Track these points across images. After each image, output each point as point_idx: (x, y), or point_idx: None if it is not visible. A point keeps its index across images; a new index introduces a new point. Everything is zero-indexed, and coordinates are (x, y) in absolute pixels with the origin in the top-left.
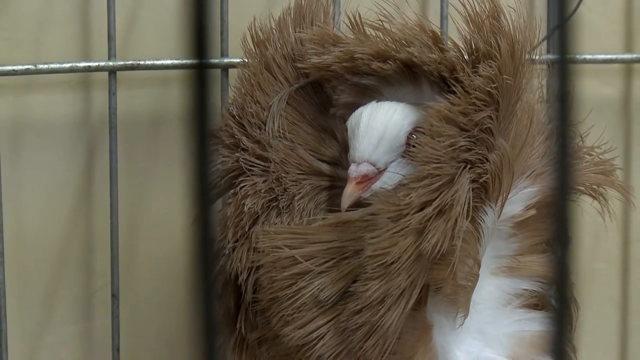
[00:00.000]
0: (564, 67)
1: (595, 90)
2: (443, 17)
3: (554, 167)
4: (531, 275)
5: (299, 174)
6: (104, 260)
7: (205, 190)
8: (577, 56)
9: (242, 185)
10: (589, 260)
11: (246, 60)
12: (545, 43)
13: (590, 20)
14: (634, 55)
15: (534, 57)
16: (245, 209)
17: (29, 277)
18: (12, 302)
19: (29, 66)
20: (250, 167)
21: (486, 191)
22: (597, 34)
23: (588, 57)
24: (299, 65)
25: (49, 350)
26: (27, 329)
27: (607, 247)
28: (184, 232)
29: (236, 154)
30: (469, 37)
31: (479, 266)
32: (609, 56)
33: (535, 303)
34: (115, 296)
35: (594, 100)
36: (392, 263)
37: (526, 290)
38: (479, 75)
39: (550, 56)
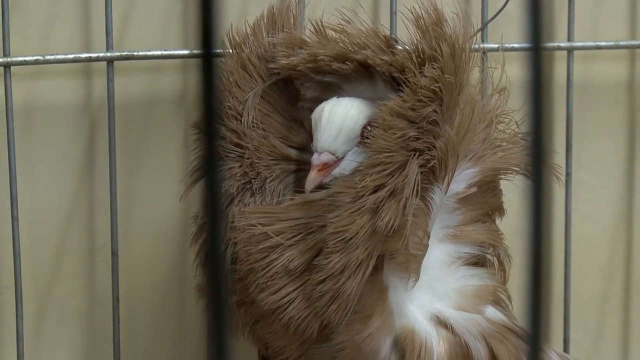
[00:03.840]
0: (537, 55)
1: (521, 73)
2: (392, 13)
3: (528, 149)
4: (472, 241)
5: (270, 159)
6: (105, 223)
7: (214, 162)
8: (508, 45)
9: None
10: (515, 216)
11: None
12: (480, 34)
13: (516, 15)
14: (555, 44)
15: (473, 51)
16: (222, 190)
17: (40, 237)
18: (26, 260)
19: (38, 57)
20: (227, 154)
21: (434, 174)
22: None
23: (516, 45)
24: (271, 65)
25: (58, 301)
26: (39, 282)
27: None
28: (173, 198)
29: None
30: (416, 42)
31: (429, 237)
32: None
33: (476, 262)
34: (114, 254)
35: (523, 84)
36: (351, 238)
37: (467, 253)
38: (424, 76)
39: (486, 45)
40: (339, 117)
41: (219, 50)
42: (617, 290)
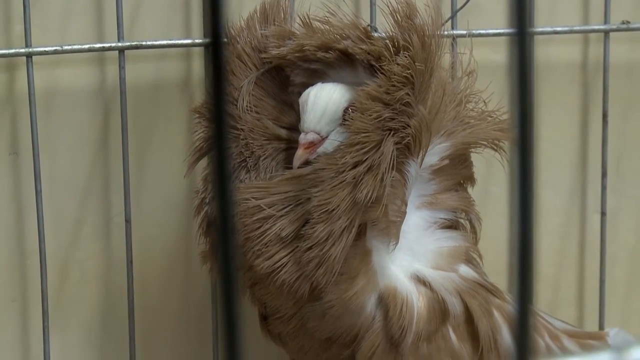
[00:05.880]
0: (522, 39)
1: (487, 57)
2: (372, 4)
3: (515, 131)
4: (446, 207)
5: (264, 139)
6: (119, 194)
7: (224, 141)
8: (475, 31)
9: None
10: (484, 184)
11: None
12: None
13: (483, 3)
14: (516, 30)
15: (442, 39)
16: (232, 166)
17: (61, 208)
18: (49, 227)
19: (57, 47)
20: None
21: (409, 149)
22: (489, 13)
23: (482, 31)
24: (263, 55)
25: (79, 264)
26: (61, 247)
27: (498, 173)
28: (179, 172)
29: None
30: (390, 33)
31: (406, 205)
32: (498, 30)
33: (450, 225)
34: (128, 221)
35: (489, 66)
36: (333, 210)
37: (442, 218)
38: (397, 64)
39: (455, 32)
40: (323, 100)
41: (225, 39)
42: (572, 246)
